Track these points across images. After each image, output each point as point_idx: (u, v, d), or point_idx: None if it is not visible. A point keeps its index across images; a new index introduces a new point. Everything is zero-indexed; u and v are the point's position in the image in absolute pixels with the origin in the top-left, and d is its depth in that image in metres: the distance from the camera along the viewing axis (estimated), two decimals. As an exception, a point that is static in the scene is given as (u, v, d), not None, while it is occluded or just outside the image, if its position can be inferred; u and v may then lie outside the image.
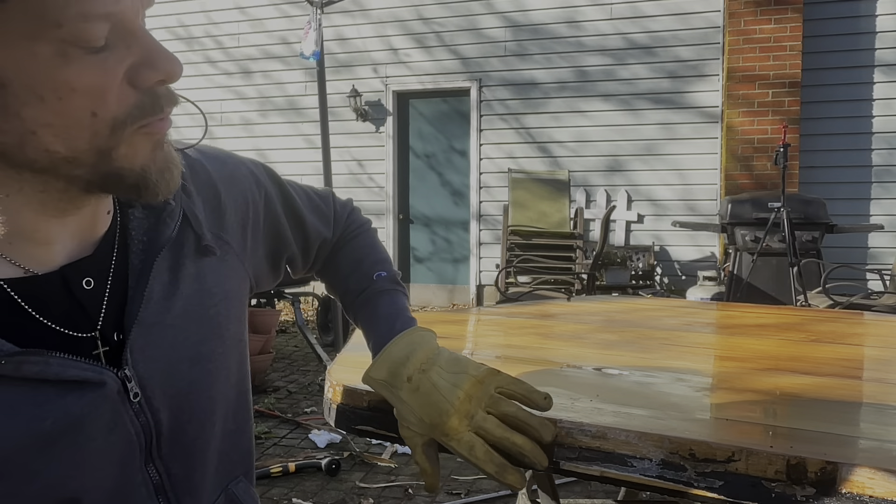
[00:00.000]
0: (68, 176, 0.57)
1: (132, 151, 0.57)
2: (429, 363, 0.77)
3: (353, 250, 0.97)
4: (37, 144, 0.53)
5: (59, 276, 0.62)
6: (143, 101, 0.56)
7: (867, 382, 1.03)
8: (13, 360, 0.56)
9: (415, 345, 0.79)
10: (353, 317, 0.95)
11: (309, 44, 4.22)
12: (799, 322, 1.61)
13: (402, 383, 0.76)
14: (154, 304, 0.66)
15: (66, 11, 0.50)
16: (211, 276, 0.73)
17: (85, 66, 0.52)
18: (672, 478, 0.70)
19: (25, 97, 0.52)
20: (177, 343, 0.68)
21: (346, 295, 0.95)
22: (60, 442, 0.59)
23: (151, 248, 0.68)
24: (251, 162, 0.87)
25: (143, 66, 0.55)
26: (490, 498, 2.53)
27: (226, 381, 0.75)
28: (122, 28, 0.54)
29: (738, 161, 6.16)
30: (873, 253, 6.12)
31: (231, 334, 0.76)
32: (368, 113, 7.34)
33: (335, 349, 4.46)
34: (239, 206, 0.79)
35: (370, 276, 0.93)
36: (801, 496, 0.65)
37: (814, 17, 6.09)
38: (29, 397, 0.57)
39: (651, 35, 6.55)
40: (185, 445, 0.70)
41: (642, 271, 6.39)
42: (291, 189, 0.91)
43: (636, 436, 0.73)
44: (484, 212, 7.10)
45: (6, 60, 0.50)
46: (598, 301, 2.04)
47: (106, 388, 0.62)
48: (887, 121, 6.05)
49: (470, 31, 7.03)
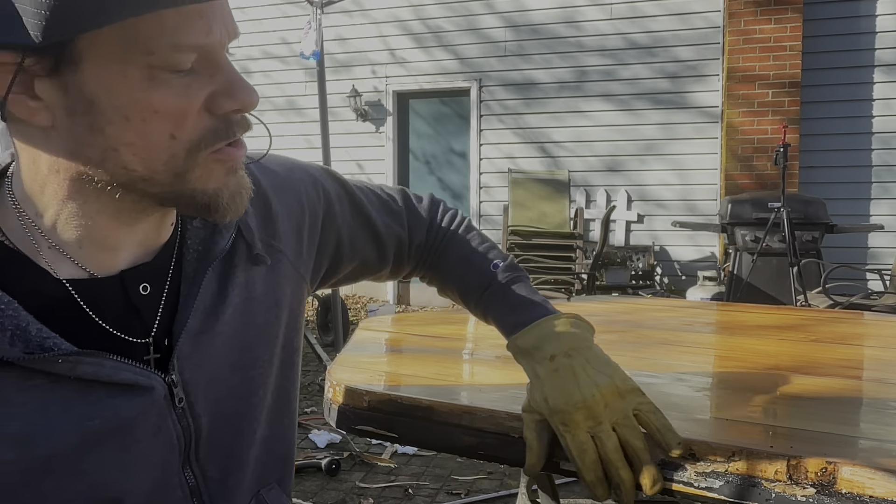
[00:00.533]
0: (144, 193, 0.59)
1: (206, 175, 0.60)
2: (577, 351, 0.75)
3: (458, 247, 0.93)
4: (117, 161, 0.56)
5: (118, 280, 0.64)
6: (217, 127, 0.59)
7: (867, 382, 1.03)
8: (69, 360, 0.57)
9: (570, 328, 0.77)
10: (483, 313, 0.90)
11: (309, 44, 4.22)
12: (799, 322, 1.61)
13: (544, 359, 0.75)
14: (202, 313, 0.68)
15: (160, 41, 0.53)
16: (261, 284, 0.74)
17: (170, 90, 0.55)
18: (672, 478, 0.70)
19: (111, 116, 0.55)
20: (222, 351, 0.70)
21: (468, 294, 0.91)
22: (108, 442, 0.61)
23: (205, 258, 0.69)
24: (312, 166, 0.88)
25: (222, 95, 0.58)
26: (490, 498, 2.53)
27: (268, 387, 0.75)
28: (207, 58, 0.57)
29: (739, 161, 6.16)
30: (873, 253, 6.12)
31: (279, 341, 0.77)
32: (368, 113, 7.34)
33: (335, 349, 4.46)
34: (293, 211, 0.80)
35: (487, 270, 0.89)
36: (801, 496, 0.65)
37: (814, 17, 6.09)
38: (81, 397, 0.59)
39: (651, 35, 6.55)
40: (223, 449, 0.71)
41: (642, 271, 6.39)
42: (358, 191, 0.90)
43: (636, 436, 0.72)
44: (484, 212, 7.10)
45: (97, 80, 0.53)
46: (598, 301, 2.04)
47: (154, 392, 0.63)
48: (887, 121, 6.05)
49: (469, 31, 7.03)
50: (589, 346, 0.77)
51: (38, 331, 0.57)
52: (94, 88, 0.54)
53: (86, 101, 0.54)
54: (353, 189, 0.90)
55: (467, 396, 0.89)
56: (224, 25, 0.58)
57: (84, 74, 0.54)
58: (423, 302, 7.32)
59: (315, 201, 0.84)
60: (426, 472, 2.75)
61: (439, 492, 2.58)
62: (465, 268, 0.91)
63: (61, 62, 0.53)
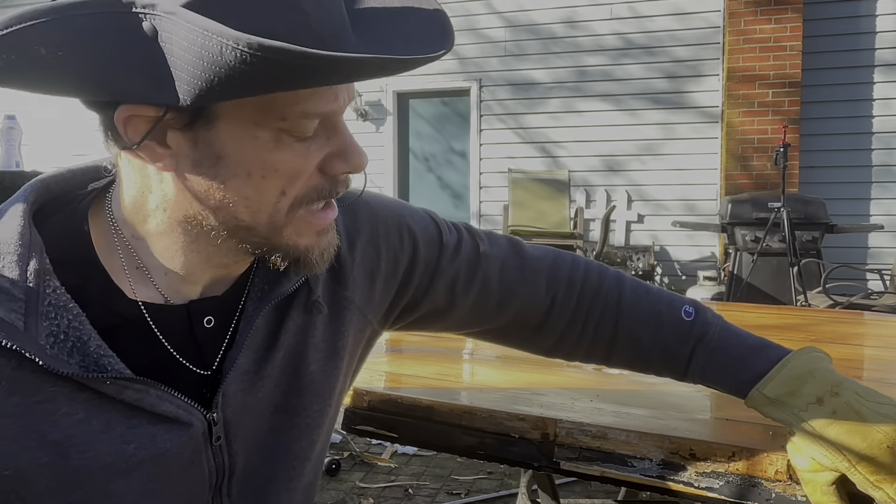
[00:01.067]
0: (242, 241, 0.61)
1: (298, 231, 0.62)
2: (841, 387, 0.67)
3: (634, 306, 0.80)
4: (230, 212, 0.59)
5: (185, 310, 0.65)
6: (323, 186, 0.61)
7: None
8: (117, 383, 0.58)
9: (817, 363, 0.70)
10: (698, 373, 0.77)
11: (309, 44, 4.22)
12: (799, 322, 1.61)
13: (809, 405, 0.66)
14: (253, 352, 0.68)
15: (293, 109, 0.56)
16: (321, 332, 0.73)
17: (292, 152, 0.58)
18: (672, 478, 0.70)
19: (236, 170, 0.57)
20: (267, 393, 0.69)
21: (669, 356, 0.78)
22: (140, 469, 0.61)
23: (266, 298, 0.69)
24: (408, 209, 0.82)
25: (337, 157, 0.61)
26: (490, 498, 2.53)
27: (315, 437, 0.74)
28: (329, 122, 0.60)
29: (738, 161, 6.16)
30: (873, 253, 6.12)
31: (336, 392, 0.76)
32: (368, 113, 7.34)
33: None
34: (368, 256, 0.76)
35: (682, 321, 0.77)
36: (801, 496, 0.65)
37: (814, 17, 6.09)
38: (124, 419, 0.60)
39: (651, 35, 6.55)
40: (256, 489, 0.70)
41: (642, 271, 6.39)
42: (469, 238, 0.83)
43: (636, 436, 0.73)
44: (484, 212, 7.10)
45: (229, 138, 0.56)
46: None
47: (193, 428, 0.63)
48: (887, 121, 6.05)
49: (469, 31, 7.03)
50: (844, 379, 0.69)
51: (98, 347, 0.58)
52: (224, 145, 0.57)
53: (214, 155, 0.57)
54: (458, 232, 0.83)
55: (467, 396, 0.89)
56: (347, 92, 0.61)
57: (218, 132, 0.56)
58: (423, 302, 7.31)
59: (397, 245, 0.78)
60: (426, 472, 2.75)
61: (439, 492, 2.58)
62: (656, 330, 0.78)
63: (198, 119, 0.56)
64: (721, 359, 0.74)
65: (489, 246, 0.82)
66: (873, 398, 0.66)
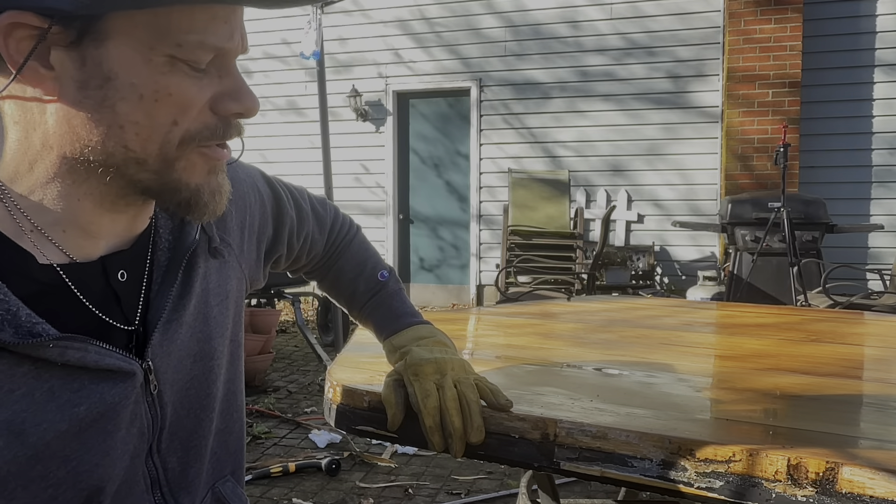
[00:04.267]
0: (132, 178, 0.61)
1: (190, 168, 0.62)
2: (441, 347, 0.91)
3: (353, 255, 1.05)
4: (119, 139, 0.58)
5: (99, 265, 0.65)
6: (216, 125, 0.62)
7: (867, 382, 1.03)
8: (59, 345, 0.58)
9: (438, 335, 0.95)
10: (365, 316, 1.03)
11: (309, 44, 4.22)
12: (799, 322, 1.61)
13: (410, 345, 0.90)
14: (173, 301, 0.70)
15: (189, 37, 0.57)
16: (215, 277, 0.77)
17: (185, 79, 0.59)
18: (672, 478, 0.70)
19: (126, 93, 0.57)
20: (186, 340, 0.72)
21: (354, 298, 1.04)
22: (92, 429, 0.62)
23: (177, 248, 0.72)
24: (252, 168, 0.92)
25: (228, 97, 0.62)
26: (490, 498, 2.53)
27: (221, 379, 0.78)
28: (222, 61, 0.61)
29: (739, 161, 6.16)
30: (873, 253, 6.12)
31: (228, 333, 0.79)
32: (368, 113, 7.34)
33: (335, 349, 4.46)
34: (239, 208, 0.83)
35: (376, 278, 1.03)
36: (801, 496, 0.65)
37: (814, 17, 6.09)
38: (66, 383, 0.60)
39: (651, 35, 6.55)
40: (183, 440, 0.73)
41: (642, 271, 6.39)
42: (287, 192, 0.96)
43: (636, 436, 0.73)
44: (484, 212, 7.10)
45: (120, 58, 0.56)
46: (598, 301, 2.04)
47: (135, 378, 0.65)
48: (887, 121, 6.05)
49: (470, 31, 7.03)
50: (450, 348, 0.92)
51: (28, 316, 0.57)
52: (114, 65, 0.56)
53: (103, 75, 0.56)
54: (280, 192, 0.95)
55: (467, 396, 0.89)
56: (242, 37, 0.62)
57: (108, 51, 0.55)
58: (422, 302, 7.31)
59: (253, 202, 0.87)
60: (426, 472, 2.75)
61: (439, 492, 2.58)
62: (357, 274, 1.04)
63: (85, 35, 0.55)
64: (380, 311, 1.01)
65: (303, 201, 0.99)
66: (451, 351, 0.90)
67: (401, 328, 0.96)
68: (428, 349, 0.88)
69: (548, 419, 0.77)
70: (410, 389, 0.83)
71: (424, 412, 0.80)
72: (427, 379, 0.82)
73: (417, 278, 7.49)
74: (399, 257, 7.48)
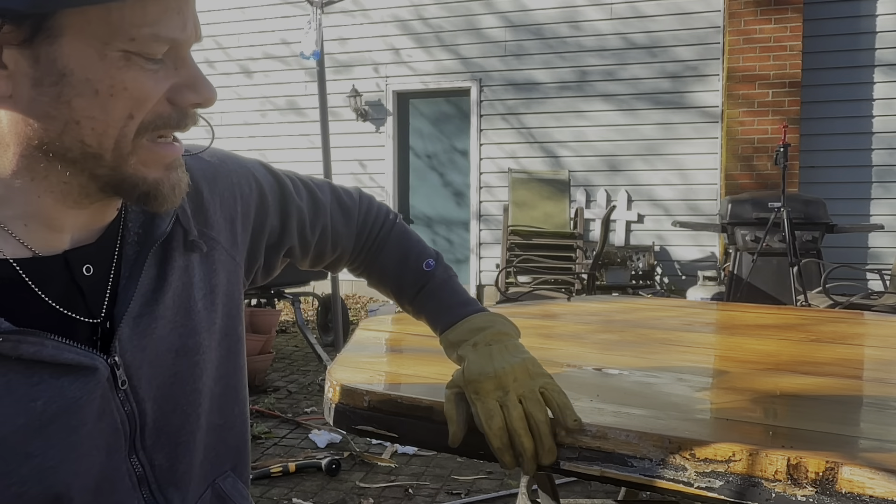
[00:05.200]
0: (91, 173, 0.61)
1: (145, 161, 0.62)
2: (498, 341, 0.83)
3: (395, 246, 0.99)
4: (75, 135, 0.58)
5: (62, 260, 0.65)
6: (171, 116, 0.62)
7: (867, 382, 1.03)
8: (11, 339, 0.58)
9: (495, 325, 0.86)
10: (417, 310, 0.97)
11: (309, 44, 4.21)
12: (799, 322, 1.61)
13: (468, 346, 0.83)
14: (143, 296, 0.69)
15: (141, 30, 0.57)
16: (198, 271, 0.76)
17: (140, 72, 0.59)
18: (672, 478, 0.70)
19: (81, 89, 0.57)
20: (163, 335, 0.71)
21: (403, 291, 0.98)
22: (53, 424, 0.61)
23: (146, 241, 0.71)
24: (249, 160, 0.90)
25: (186, 87, 0.62)
26: (490, 498, 2.53)
27: (212, 374, 0.77)
28: (177, 53, 0.61)
29: (739, 161, 6.16)
30: (873, 253, 6.12)
31: (218, 328, 0.78)
32: (368, 113, 7.34)
33: (335, 349, 4.46)
34: (225, 200, 0.81)
35: (421, 269, 0.96)
36: (801, 496, 0.65)
37: (814, 17, 6.09)
38: (24, 378, 0.60)
39: (651, 35, 6.55)
40: (170, 436, 0.72)
41: (642, 271, 6.39)
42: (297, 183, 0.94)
43: (636, 436, 0.73)
44: (484, 211, 7.10)
45: (74, 55, 0.56)
46: (598, 301, 2.04)
47: (98, 373, 0.64)
48: (887, 121, 6.05)
49: (470, 31, 7.03)
50: (511, 338, 0.84)
51: None
52: (68, 62, 0.56)
53: (57, 72, 0.56)
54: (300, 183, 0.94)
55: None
56: (195, 26, 0.62)
57: (61, 48, 0.56)
58: (423, 302, 7.31)
59: (247, 194, 0.85)
60: (426, 472, 2.75)
61: (439, 492, 2.58)
62: (401, 267, 0.97)
63: (38, 33, 0.55)
64: (430, 304, 0.94)
65: (321, 193, 0.96)
66: (514, 353, 0.82)
67: (454, 321, 0.88)
68: (486, 353, 0.81)
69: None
70: (473, 409, 0.78)
71: (490, 434, 0.76)
72: (489, 397, 0.77)
73: (417, 278, 7.48)
74: (399, 257, 7.47)
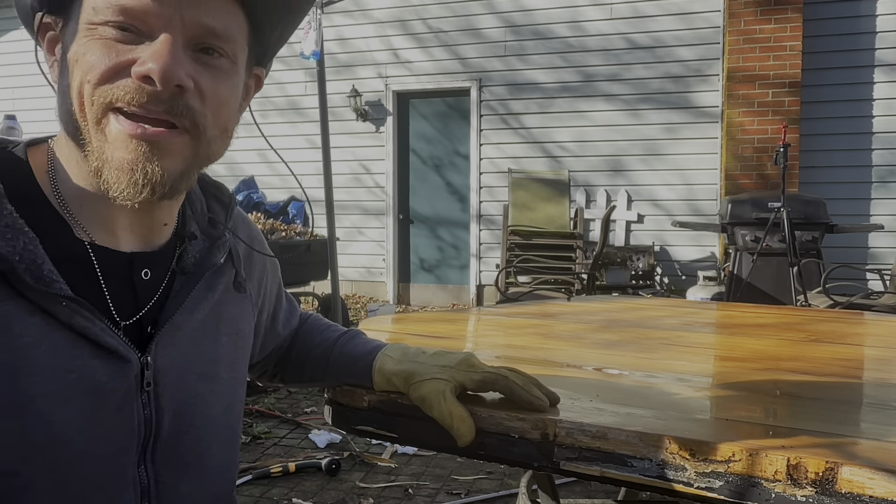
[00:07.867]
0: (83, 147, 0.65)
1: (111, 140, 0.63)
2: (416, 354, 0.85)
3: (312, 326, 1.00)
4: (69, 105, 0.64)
5: (127, 258, 0.70)
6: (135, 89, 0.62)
7: (867, 382, 1.03)
8: (70, 306, 0.62)
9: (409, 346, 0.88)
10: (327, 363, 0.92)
11: (309, 44, 4.21)
12: (799, 322, 1.61)
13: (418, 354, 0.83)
14: (187, 311, 0.73)
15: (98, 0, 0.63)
16: (230, 310, 0.80)
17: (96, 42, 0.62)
18: (672, 478, 0.70)
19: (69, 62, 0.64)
20: (191, 354, 0.74)
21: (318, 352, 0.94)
22: (77, 399, 0.63)
23: (201, 265, 0.77)
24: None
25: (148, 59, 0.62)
26: (490, 498, 2.53)
27: (226, 408, 0.79)
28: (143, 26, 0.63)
29: (739, 161, 6.16)
30: (873, 253, 6.12)
31: (237, 368, 0.81)
32: (368, 113, 7.34)
33: (335, 349, 4.45)
34: (260, 267, 0.89)
35: (337, 331, 0.96)
36: (801, 496, 0.65)
37: (814, 17, 6.09)
38: (68, 348, 0.63)
39: (651, 35, 6.55)
40: (179, 455, 0.73)
41: (642, 271, 6.39)
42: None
43: (636, 436, 0.73)
44: (484, 212, 7.10)
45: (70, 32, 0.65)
46: (598, 301, 2.04)
47: (129, 366, 0.67)
48: (887, 121, 6.05)
49: (470, 31, 7.03)
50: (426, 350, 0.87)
51: (50, 272, 0.61)
52: (67, 40, 0.65)
53: (63, 51, 0.66)
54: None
55: (467, 396, 0.89)
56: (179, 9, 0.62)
57: (67, 30, 0.66)
58: (422, 302, 7.32)
59: (272, 278, 0.93)
60: (426, 472, 2.75)
61: (439, 492, 2.58)
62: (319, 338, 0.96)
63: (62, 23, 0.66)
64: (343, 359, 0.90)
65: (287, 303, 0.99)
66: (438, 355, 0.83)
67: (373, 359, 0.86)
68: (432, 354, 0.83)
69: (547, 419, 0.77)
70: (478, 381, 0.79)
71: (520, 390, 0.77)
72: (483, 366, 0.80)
73: (417, 278, 7.49)
74: (399, 257, 7.48)
